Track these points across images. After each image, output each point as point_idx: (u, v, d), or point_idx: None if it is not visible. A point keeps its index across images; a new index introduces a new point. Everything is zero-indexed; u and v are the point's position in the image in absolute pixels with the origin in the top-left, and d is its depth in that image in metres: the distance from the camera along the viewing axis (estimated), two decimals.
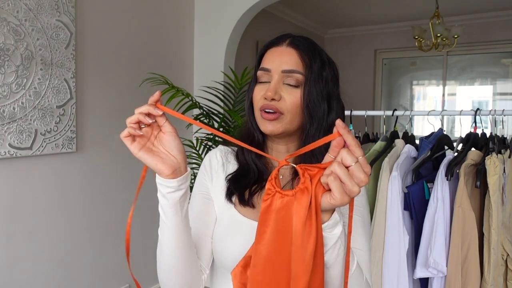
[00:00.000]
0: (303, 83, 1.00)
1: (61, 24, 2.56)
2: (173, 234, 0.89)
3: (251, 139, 1.08)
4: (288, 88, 1.00)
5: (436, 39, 4.54)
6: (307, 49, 1.02)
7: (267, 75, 1.01)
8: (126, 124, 0.82)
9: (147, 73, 3.19)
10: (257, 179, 1.06)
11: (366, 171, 0.70)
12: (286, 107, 0.99)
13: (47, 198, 2.63)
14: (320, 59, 1.02)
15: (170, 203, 0.86)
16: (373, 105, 6.52)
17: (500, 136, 2.10)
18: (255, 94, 1.03)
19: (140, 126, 0.83)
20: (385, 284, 1.92)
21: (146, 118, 0.82)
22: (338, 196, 0.71)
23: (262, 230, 0.77)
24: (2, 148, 2.31)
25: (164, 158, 0.84)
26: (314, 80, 1.00)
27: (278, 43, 1.04)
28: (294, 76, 0.99)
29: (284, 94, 0.99)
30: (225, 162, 1.13)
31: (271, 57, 1.02)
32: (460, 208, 1.81)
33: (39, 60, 2.45)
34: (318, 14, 5.72)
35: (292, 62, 0.99)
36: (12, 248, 2.46)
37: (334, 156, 0.74)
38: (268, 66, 1.01)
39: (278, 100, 0.98)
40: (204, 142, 3.09)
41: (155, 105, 0.82)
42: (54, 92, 2.54)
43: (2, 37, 2.27)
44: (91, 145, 2.87)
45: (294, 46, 1.02)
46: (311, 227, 0.74)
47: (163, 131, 0.85)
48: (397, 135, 2.23)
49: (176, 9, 3.61)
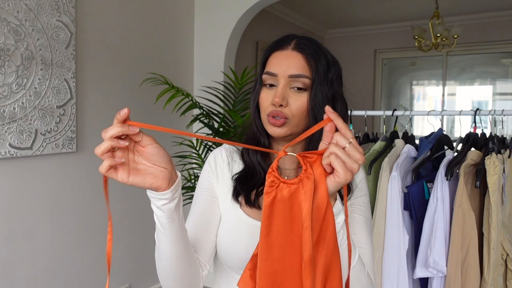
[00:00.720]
0: (309, 87, 1.00)
1: (61, 24, 2.57)
2: (171, 242, 0.87)
3: (257, 141, 1.09)
4: (294, 92, 1.00)
5: (436, 39, 4.55)
6: (313, 51, 1.02)
7: (273, 79, 1.01)
8: (99, 156, 0.72)
9: (147, 73, 3.20)
10: (263, 181, 1.05)
11: (360, 151, 0.76)
12: (292, 112, 0.99)
13: (47, 198, 2.63)
14: (326, 60, 1.03)
15: (166, 214, 0.83)
16: (373, 105, 6.51)
17: (500, 136, 2.10)
18: (262, 98, 1.03)
19: (114, 151, 0.74)
20: (385, 284, 1.92)
21: (120, 141, 0.72)
22: (342, 172, 0.76)
23: (269, 222, 0.78)
24: (2, 148, 2.31)
25: (154, 173, 0.78)
26: (320, 83, 1.00)
27: (283, 47, 1.03)
28: (301, 80, 0.99)
29: (291, 99, 0.99)
30: (230, 161, 1.14)
31: (276, 61, 1.02)
32: (460, 208, 1.81)
33: (39, 60, 2.45)
34: (318, 14, 5.72)
35: (299, 67, 0.99)
36: (12, 248, 2.45)
37: (327, 142, 0.80)
38: (274, 71, 1.01)
39: (285, 106, 0.99)
40: (204, 142, 3.09)
41: (126, 122, 0.72)
42: (54, 92, 2.54)
43: (3, 37, 2.28)
44: (91, 145, 2.87)
45: (300, 49, 1.01)
46: (320, 211, 0.77)
47: (143, 145, 0.76)
48: (397, 135, 2.23)
49: (176, 9, 3.61)
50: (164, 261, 0.91)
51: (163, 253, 0.90)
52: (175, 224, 0.85)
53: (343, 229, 0.84)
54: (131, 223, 3.20)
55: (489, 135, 2.03)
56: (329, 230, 0.78)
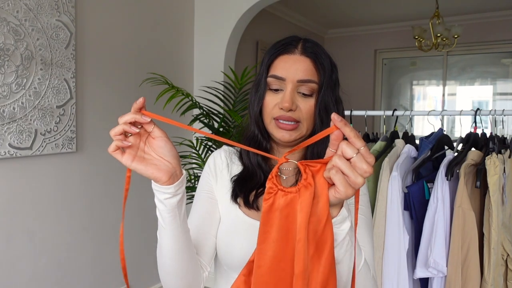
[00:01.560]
0: (316, 92, 1.00)
1: (61, 24, 2.56)
2: (172, 238, 0.88)
3: (258, 143, 1.08)
4: (301, 96, 1.00)
5: (436, 39, 4.53)
6: (319, 56, 1.02)
7: (280, 83, 1.01)
8: (111, 137, 0.76)
9: (147, 73, 3.19)
10: (263, 182, 1.05)
11: (369, 161, 0.68)
12: (302, 116, 0.99)
13: (47, 198, 2.62)
14: (330, 64, 1.03)
15: (168, 209, 0.84)
16: (373, 105, 6.50)
17: (500, 136, 2.10)
18: (268, 102, 1.02)
19: (126, 136, 0.78)
20: (385, 284, 1.92)
21: (132, 127, 0.76)
22: (342, 189, 0.69)
23: (265, 229, 0.76)
24: (2, 148, 2.31)
25: (158, 165, 0.80)
26: (327, 87, 1.00)
27: (290, 50, 1.02)
28: (309, 86, 0.99)
29: (299, 103, 0.99)
30: (229, 163, 1.14)
31: (284, 65, 1.01)
32: (460, 208, 1.80)
33: (39, 60, 2.45)
34: (318, 14, 5.71)
35: (307, 72, 0.99)
36: (12, 248, 2.45)
37: (334, 149, 0.72)
38: (282, 75, 1.00)
39: (295, 110, 0.99)
40: (204, 142, 3.08)
41: (141, 111, 0.77)
42: (54, 92, 2.54)
43: (2, 37, 2.27)
44: (91, 145, 2.86)
45: (308, 54, 1.01)
46: (319, 224, 0.73)
47: (153, 137, 0.81)
48: (397, 135, 2.23)
49: (176, 9, 3.61)
50: (165, 258, 0.91)
51: (164, 249, 0.90)
52: (176, 220, 0.86)
53: (348, 236, 0.80)
54: (131, 224, 3.20)
55: (490, 135, 2.03)
56: (327, 245, 0.74)
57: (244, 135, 1.14)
